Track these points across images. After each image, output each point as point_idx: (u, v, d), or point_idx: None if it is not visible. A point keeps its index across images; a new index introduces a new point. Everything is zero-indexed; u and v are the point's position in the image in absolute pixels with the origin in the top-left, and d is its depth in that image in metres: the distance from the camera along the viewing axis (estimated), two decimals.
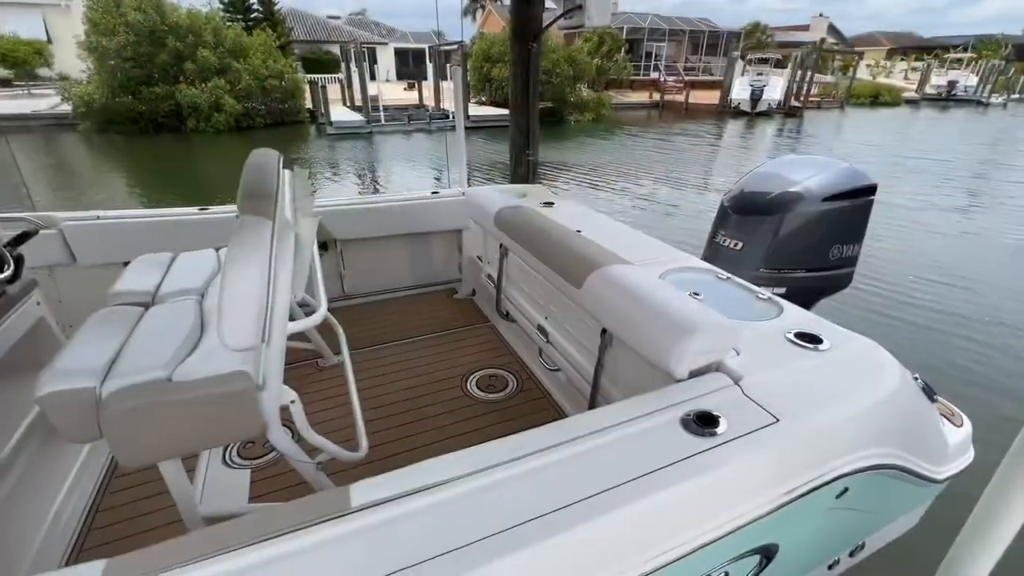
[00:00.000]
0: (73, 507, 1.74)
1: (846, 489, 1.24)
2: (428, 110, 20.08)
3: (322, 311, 1.50)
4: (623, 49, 28.11)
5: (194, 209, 2.68)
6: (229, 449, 1.99)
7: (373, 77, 21.53)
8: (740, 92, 24.90)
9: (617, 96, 27.18)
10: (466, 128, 3.39)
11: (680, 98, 27.28)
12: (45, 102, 17.73)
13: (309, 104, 19.33)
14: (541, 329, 2.27)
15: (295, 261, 1.45)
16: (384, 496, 0.93)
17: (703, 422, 1.15)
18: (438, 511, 0.92)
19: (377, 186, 11.78)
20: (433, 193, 3.18)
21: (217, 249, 2.12)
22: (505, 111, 19.37)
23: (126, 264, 2.56)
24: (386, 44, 32.54)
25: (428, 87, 21.76)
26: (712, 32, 34.94)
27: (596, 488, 0.99)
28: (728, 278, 1.98)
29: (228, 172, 12.80)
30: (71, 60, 18.15)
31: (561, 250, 1.89)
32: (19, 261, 1.66)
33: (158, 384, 1.26)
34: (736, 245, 2.72)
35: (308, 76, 20.95)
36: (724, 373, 1.36)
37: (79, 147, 15.11)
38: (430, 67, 30.87)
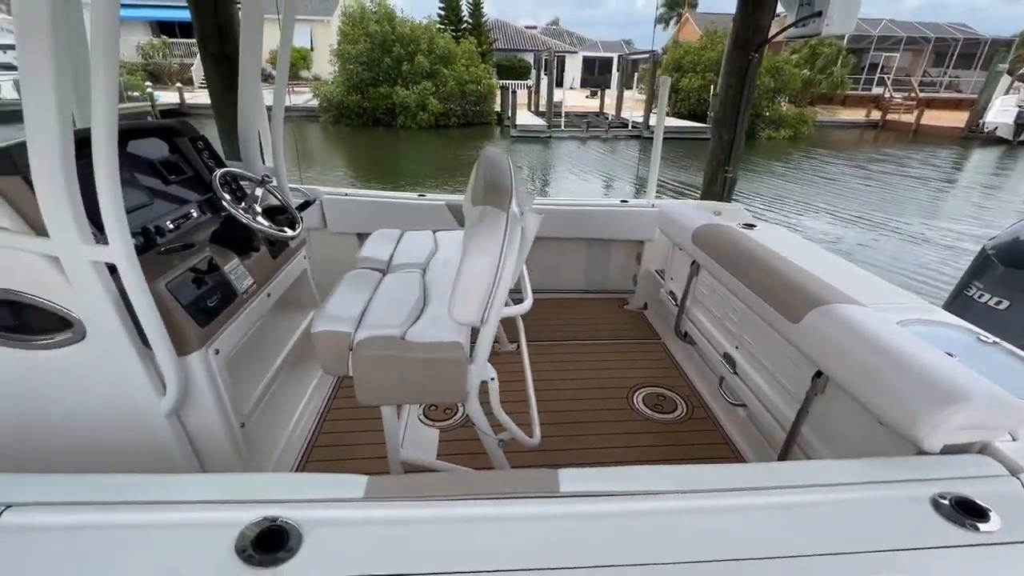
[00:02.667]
0: (303, 426, 2.15)
1: None
2: (607, 118, 20.15)
3: (528, 302, 1.61)
4: (840, 60, 24.56)
5: (414, 195, 3.09)
6: (420, 408, 2.25)
7: (559, 84, 22.33)
8: (1000, 114, 19.84)
9: (824, 112, 23.97)
10: (643, 138, 3.31)
11: (908, 118, 22.91)
12: (301, 98, 22.16)
13: (498, 107, 20.88)
14: (728, 358, 2.12)
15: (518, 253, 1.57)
16: (592, 489, 0.96)
17: (965, 511, 0.95)
18: (644, 520, 0.91)
19: (545, 187, 12.20)
20: (622, 201, 3.18)
21: (434, 231, 2.41)
22: (689, 123, 18.58)
23: (359, 235, 3.08)
24: (575, 52, 33.47)
25: (611, 95, 21.85)
26: (969, 40, 28.57)
27: (815, 548, 0.89)
28: (995, 343, 1.61)
29: (419, 162, 14.53)
30: (323, 64, 22.36)
31: (774, 279, 1.73)
32: (300, 222, 2.11)
33: (394, 340, 1.48)
34: (998, 304, 2.19)
35: (501, 81, 22.64)
36: (993, 458, 1.11)
37: (317, 134, 18.57)
38: (615, 76, 30.89)
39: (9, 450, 1.52)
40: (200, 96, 20.66)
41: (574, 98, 23.87)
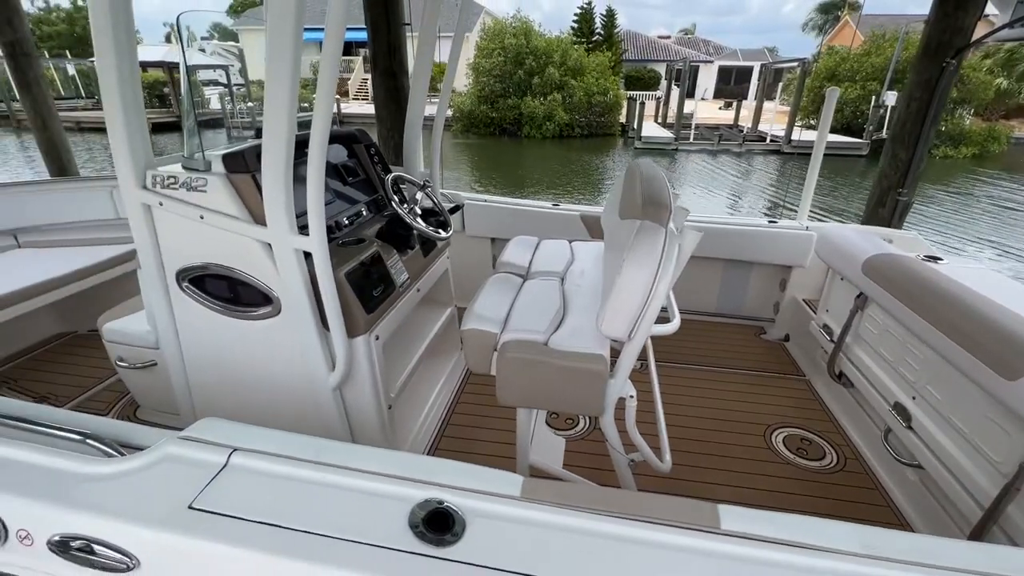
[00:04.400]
0: (434, 415, 2.29)
1: None
2: (742, 131, 18.82)
3: (676, 322, 1.54)
4: None
5: (548, 204, 3.15)
6: (547, 415, 2.27)
7: (690, 95, 21.37)
8: None
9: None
10: (783, 154, 2.99)
11: None
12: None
13: (623, 119, 20.59)
14: (900, 408, 1.84)
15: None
16: (759, 533, 0.89)
17: None
18: None
19: None
20: (770, 221, 2.93)
21: (570, 241, 2.43)
22: (842, 138, 16.60)
23: (493, 239, 3.22)
24: (711, 62, 31.80)
25: (747, 107, 20.38)
26: None
27: None
28: None
29: (540, 171, 14.80)
30: (459, 77, 23.88)
31: (978, 324, 1.47)
32: (451, 225, 2.26)
33: (537, 345, 1.52)
34: None
35: (628, 92, 22.30)
36: None
37: (447, 141, 19.88)
38: (753, 86, 28.77)
39: (217, 398, 1.83)
40: (352, 106, 23.27)
41: (706, 109, 22.66)
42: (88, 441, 1.02)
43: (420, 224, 1.98)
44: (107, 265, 2.77)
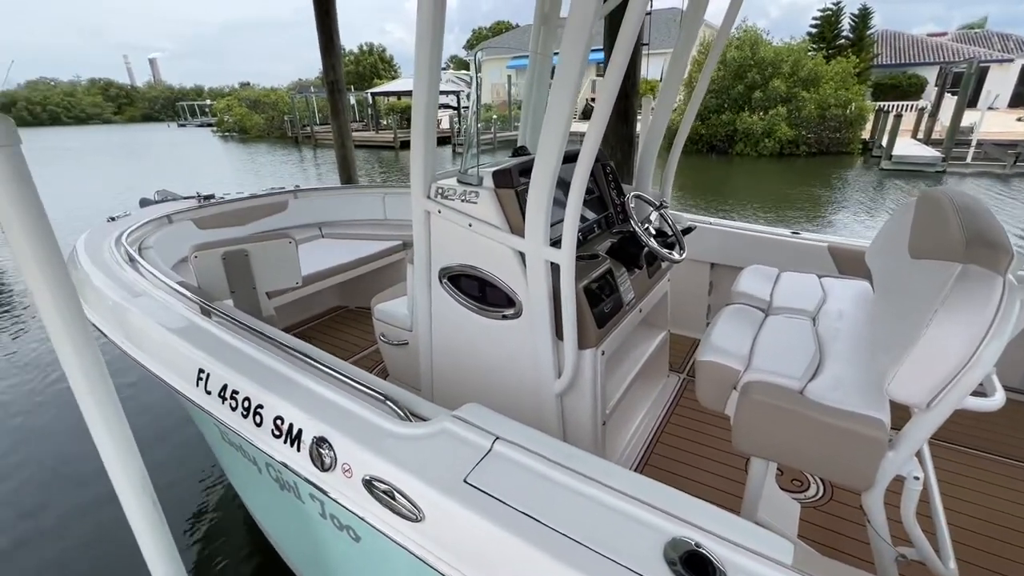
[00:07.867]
0: (641, 433, 2.23)
1: None
2: None
3: (999, 397, 1.20)
4: None
5: (787, 232, 2.81)
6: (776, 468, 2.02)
7: (971, 104, 16.86)
8: None
9: None
10: None
11: None
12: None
13: (866, 134, 17.37)
14: None
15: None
16: None
17: None
18: None
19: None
20: None
21: (819, 276, 2.12)
22: None
23: (712, 264, 3.01)
24: (1010, 61, 24.69)
25: None
26: None
27: None
28: None
29: (749, 195, 13.32)
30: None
31: None
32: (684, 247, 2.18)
33: (791, 393, 1.34)
34: None
35: (877, 104, 18.73)
36: None
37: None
38: None
39: (453, 382, 2.07)
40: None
41: (996, 122, 17.68)
42: (388, 402, 1.25)
43: (654, 244, 1.95)
44: (376, 256, 3.42)
